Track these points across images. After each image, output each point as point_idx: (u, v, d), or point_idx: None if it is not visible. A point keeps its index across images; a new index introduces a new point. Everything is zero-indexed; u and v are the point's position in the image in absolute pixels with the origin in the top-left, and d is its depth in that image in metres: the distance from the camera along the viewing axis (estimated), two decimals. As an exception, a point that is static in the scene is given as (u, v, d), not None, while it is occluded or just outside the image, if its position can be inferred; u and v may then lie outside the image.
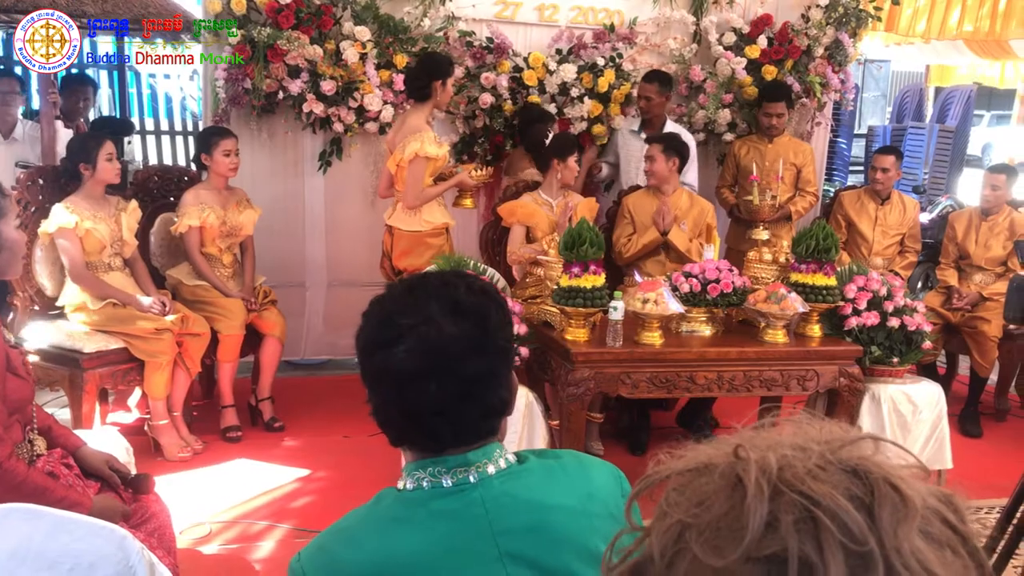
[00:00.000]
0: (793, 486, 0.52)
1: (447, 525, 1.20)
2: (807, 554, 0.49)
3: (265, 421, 4.45)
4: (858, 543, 0.50)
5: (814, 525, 0.50)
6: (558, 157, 4.31)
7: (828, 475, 0.53)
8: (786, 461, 0.54)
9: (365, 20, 4.77)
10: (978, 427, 4.88)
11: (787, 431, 0.59)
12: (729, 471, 0.55)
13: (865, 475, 0.53)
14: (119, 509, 2.18)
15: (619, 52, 5.20)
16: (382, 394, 1.24)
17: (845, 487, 0.52)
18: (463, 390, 1.21)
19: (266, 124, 4.90)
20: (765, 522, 0.51)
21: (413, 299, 1.23)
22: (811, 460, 0.54)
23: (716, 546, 0.52)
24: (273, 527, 3.50)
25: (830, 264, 3.74)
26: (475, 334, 1.21)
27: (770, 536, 0.51)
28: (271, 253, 4.82)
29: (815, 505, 0.51)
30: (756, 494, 0.52)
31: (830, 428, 0.59)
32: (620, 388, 3.48)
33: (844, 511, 0.50)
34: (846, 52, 5.52)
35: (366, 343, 1.24)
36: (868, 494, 0.52)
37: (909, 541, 0.51)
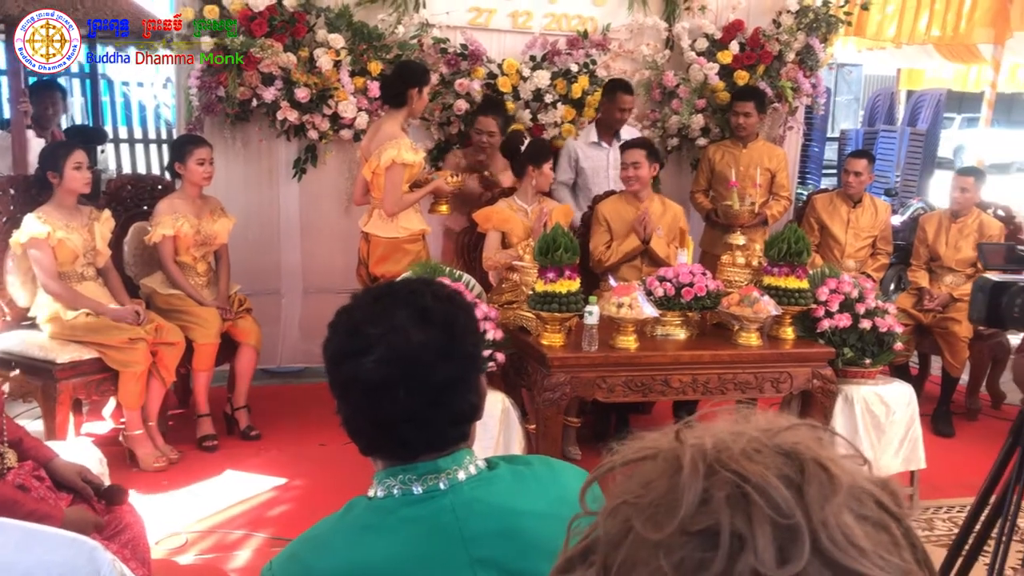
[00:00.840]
0: (727, 465, 0.55)
1: (418, 532, 1.20)
2: (737, 527, 0.52)
3: (241, 430, 4.43)
4: (785, 516, 0.52)
5: (745, 501, 0.53)
6: (533, 164, 4.33)
7: (762, 456, 0.56)
8: (722, 443, 0.57)
9: (339, 28, 4.78)
10: (950, 427, 4.93)
11: (732, 420, 0.62)
12: (670, 454, 0.58)
13: (796, 456, 0.56)
14: (91, 521, 2.16)
15: (592, 58, 5.23)
16: (351, 404, 1.24)
17: (777, 467, 0.55)
18: (433, 397, 1.21)
19: (240, 132, 4.89)
20: (699, 498, 0.54)
21: (380, 308, 1.24)
22: (745, 443, 0.57)
23: (655, 521, 0.55)
24: (250, 536, 3.49)
25: (802, 267, 3.77)
26: (443, 340, 1.22)
27: (703, 511, 0.53)
28: (246, 261, 4.81)
29: (746, 482, 0.54)
30: (691, 472, 0.55)
31: (771, 418, 0.62)
32: (596, 392, 3.49)
33: (773, 487, 0.53)
34: (817, 57, 5.58)
35: (334, 353, 1.24)
36: (798, 473, 0.55)
37: (836, 516, 0.53)
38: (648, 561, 0.54)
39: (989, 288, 2.05)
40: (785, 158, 5.36)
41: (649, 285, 3.70)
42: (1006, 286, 2.02)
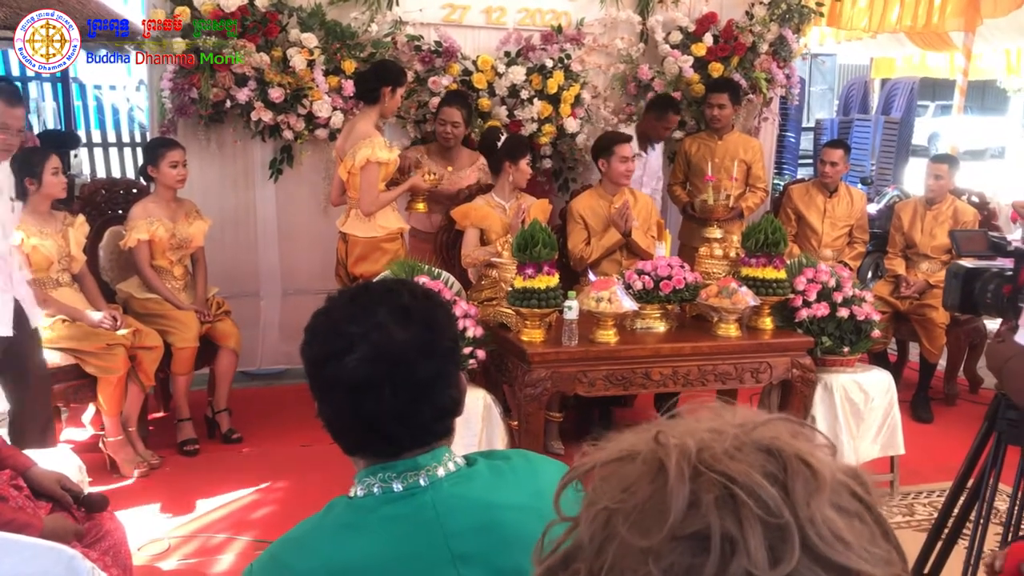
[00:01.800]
0: (712, 467, 0.55)
1: (398, 529, 1.20)
2: (728, 529, 0.52)
3: (223, 433, 4.40)
4: (774, 516, 0.52)
5: (733, 502, 0.53)
6: (510, 159, 4.33)
7: (744, 455, 0.56)
8: (704, 444, 0.57)
9: (312, 27, 4.75)
10: (929, 412, 4.98)
11: (703, 417, 0.61)
12: (651, 457, 0.57)
13: (778, 453, 0.56)
14: (71, 529, 2.14)
15: (567, 53, 5.22)
16: (335, 404, 1.24)
17: (760, 465, 0.55)
18: (417, 393, 1.22)
19: (214, 134, 4.85)
20: (688, 502, 0.53)
21: (359, 307, 1.24)
22: (727, 442, 0.57)
23: (643, 528, 0.54)
24: (233, 539, 3.47)
25: (779, 257, 3.79)
26: (425, 337, 1.23)
27: (692, 515, 0.53)
28: (223, 264, 4.78)
29: (733, 483, 0.53)
30: (678, 476, 0.54)
31: (743, 412, 0.62)
32: (577, 387, 3.50)
33: (760, 487, 0.53)
34: (790, 48, 5.60)
35: (315, 355, 1.24)
36: (781, 470, 0.55)
37: (821, 512, 0.53)
38: (636, 568, 0.54)
39: (962, 275, 2.07)
40: (760, 149, 5.39)
41: (628, 279, 3.71)
42: (979, 272, 2.04)
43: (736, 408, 0.63)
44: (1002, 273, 1.98)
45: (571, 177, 5.46)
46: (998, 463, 2.10)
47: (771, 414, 0.61)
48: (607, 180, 4.49)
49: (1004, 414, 2.03)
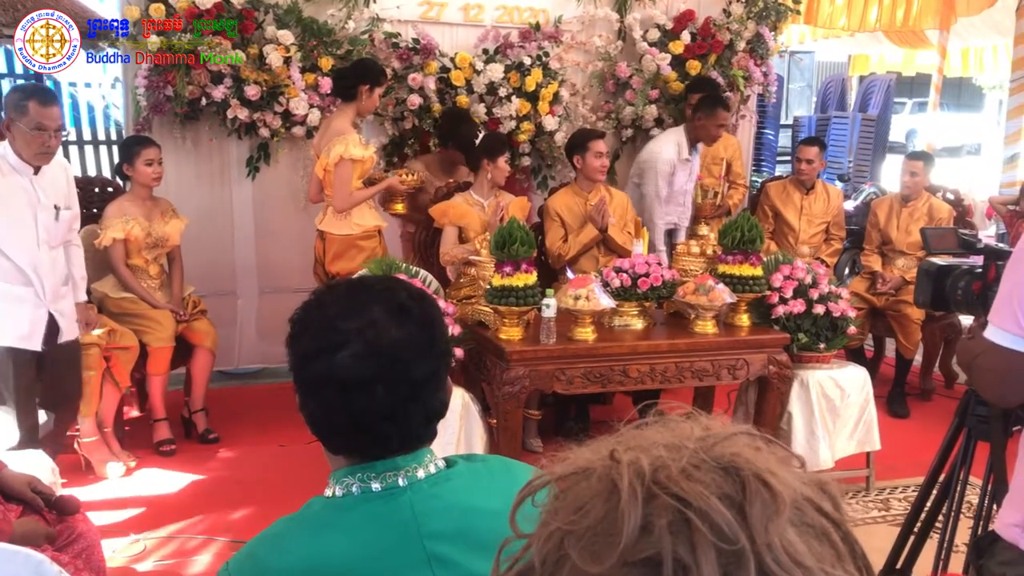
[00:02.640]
0: (667, 488, 0.52)
1: (375, 529, 1.20)
2: (681, 556, 0.50)
3: (199, 433, 4.38)
4: (729, 542, 0.50)
5: (687, 527, 0.51)
6: (488, 157, 4.33)
7: (701, 474, 0.54)
8: (660, 462, 0.54)
9: (288, 24, 4.72)
10: (905, 407, 5.02)
11: (666, 429, 0.59)
12: (605, 475, 0.55)
13: (736, 472, 0.54)
14: (42, 532, 2.12)
15: (545, 51, 5.22)
16: (324, 401, 1.22)
17: (717, 485, 0.53)
18: (411, 393, 1.21)
19: (190, 131, 4.82)
20: (640, 526, 0.51)
21: (355, 303, 1.22)
22: (684, 459, 0.54)
23: (593, 552, 0.52)
24: (210, 540, 3.45)
25: (756, 254, 3.81)
26: (421, 337, 1.22)
27: (645, 539, 0.51)
28: (200, 262, 4.74)
29: (687, 507, 0.51)
30: (630, 498, 0.52)
31: (708, 423, 0.60)
32: (555, 384, 3.50)
33: (716, 511, 0.51)
34: (767, 45, 5.63)
35: (306, 349, 1.22)
36: (739, 492, 0.53)
37: (780, 536, 0.51)
38: None
39: (934, 272, 2.09)
40: (739, 147, 5.42)
41: (606, 276, 3.72)
42: (950, 270, 2.06)
43: (701, 418, 0.61)
44: (972, 270, 2.00)
45: (550, 175, 5.46)
46: (968, 458, 2.12)
47: (735, 427, 0.59)
48: (582, 177, 4.49)
49: (974, 410, 2.06)
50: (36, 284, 3.30)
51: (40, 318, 3.34)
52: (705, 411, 0.62)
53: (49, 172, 3.30)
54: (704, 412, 0.64)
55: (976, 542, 1.74)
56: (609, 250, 4.47)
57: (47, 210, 3.30)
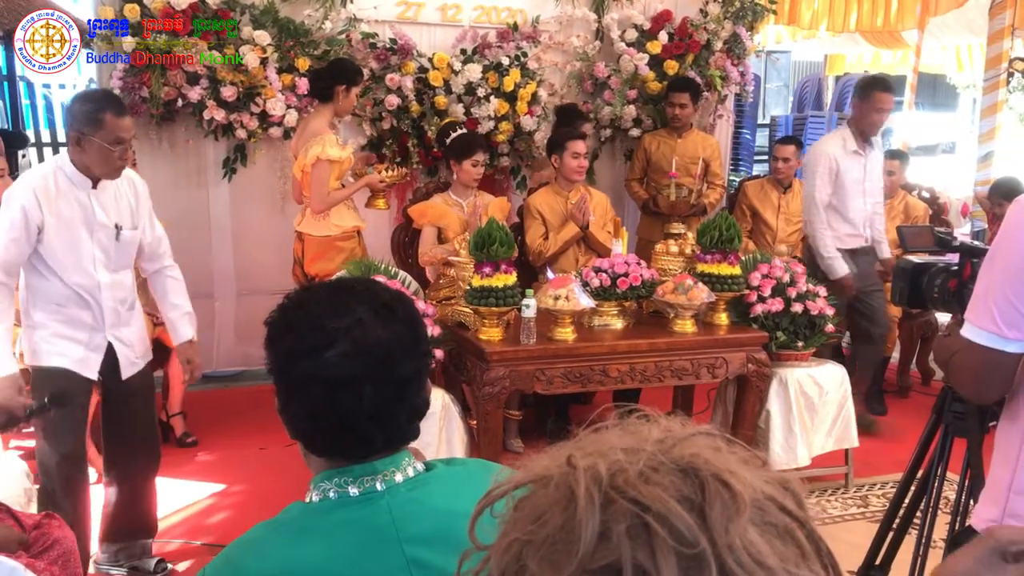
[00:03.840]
0: (624, 492, 0.52)
1: (353, 533, 1.19)
2: (640, 561, 0.49)
3: (177, 437, 4.34)
4: (689, 546, 0.50)
5: (646, 531, 0.50)
6: (455, 159, 4.34)
7: (660, 476, 0.53)
8: (618, 466, 0.53)
9: (264, 24, 4.70)
10: (882, 405, 5.05)
11: (626, 431, 0.59)
12: (563, 482, 0.54)
13: (695, 473, 0.53)
14: (15, 538, 2.09)
15: (523, 51, 5.22)
16: (309, 401, 1.21)
17: (676, 488, 0.52)
18: (396, 393, 1.21)
19: (166, 133, 4.79)
20: (598, 532, 0.51)
21: (340, 302, 1.22)
22: (642, 462, 0.54)
23: (552, 561, 0.51)
24: (188, 545, 3.43)
25: (734, 253, 3.82)
26: (406, 336, 1.22)
27: (603, 546, 0.50)
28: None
29: (645, 511, 0.51)
30: (587, 505, 0.51)
31: (668, 425, 0.59)
32: (535, 385, 3.50)
33: (675, 515, 0.50)
34: (744, 45, 5.66)
35: (290, 349, 1.21)
36: (698, 492, 0.52)
37: (741, 537, 0.51)
38: None
39: (910, 270, 2.10)
40: (718, 147, 5.44)
41: (585, 276, 3.72)
42: (926, 267, 2.07)
43: (661, 420, 0.60)
44: (948, 268, 2.01)
45: (528, 175, 5.45)
46: (945, 455, 2.13)
47: (695, 428, 0.58)
48: (560, 176, 4.50)
49: (951, 407, 2.07)
50: (94, 308, 2.91)
51: (98, 344, 2.95)
52: (684, 410, 0.62)
53: (111, 187, 2.92)
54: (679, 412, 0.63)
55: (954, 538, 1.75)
56: (589, 248, 4.47)
57: (105, 229, 2.90)
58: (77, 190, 2.84)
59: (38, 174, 2.81)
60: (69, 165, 2.83)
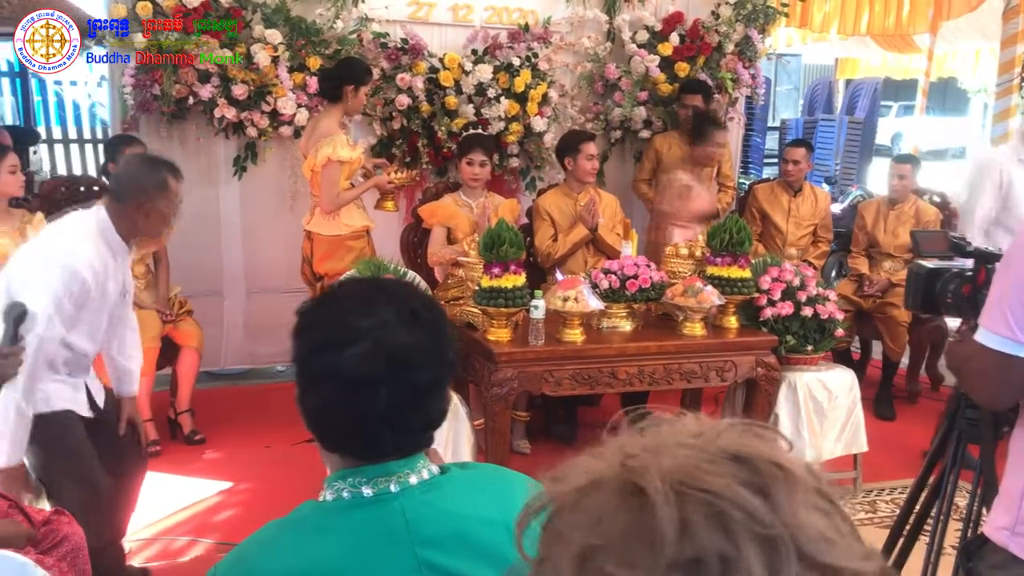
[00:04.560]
0: (693, 485, 0.52)
1: (366, 534, 1.19)
2: (723, 550, 0.50)
3: (185, 434, 4.35)
4: (765, 527, 0.51)
5: (722, 519, 0.51)
6: (457, 157, 4.36)
7: (718, 467, 0.54)
8: (677, 461, 0.54)
9: (276, 23, 4.70)
10: (891, 410, 5.03)
11: (663, 429, 0.59)
12: (622, 483, 0.54)
13: (748, 459, 0.54)
14: (23, 534, 2.09)
15: (534, 52, 5.22)
16: (324, 396, 1.21)
17: (735, 475, 0.53)
18: (413, 399, 1.21)
19: (177, 131, 4.79)
20: (677, 528, 0.51)
21: (368, 302, 1.22)
22: (697, 455, 0.54)
23: (630, 562, 0.52)
24: (195, 542, 3.43)
25: (744, 257, 3.81)
26: (430, 343, 1.22)
27: (685, 541, 0.51)
28: (186, 262, 4.71)
29: (719, 500, 0.51)
30: (663, 502, 0.52)
31: (698, 420, 0.60)
32: (543, 386, 3.49)
33: (746, 500, 0.51)
34: (755, 48, 5.64)
35: (313, 342, 1.22)
36: (757, 477, 0.53)
37: (804, 514, 0.52)
38: None
39: (923, 275, 2.09)
40: (729, 149, 5.43)
41: (594, 278, 3.71)
42: (940, 272, 2.06)
43: (689, 417, 0.61)
44: (962, 273, 2.00)
45: (538, 176, 5.45)
46: (958, 461, 2.12)
47: (727, 420, 0.59)
48: (572, 178, 4.49)
49: (963, 413, 2.05)
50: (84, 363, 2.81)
51: (79, 386, 2.83)
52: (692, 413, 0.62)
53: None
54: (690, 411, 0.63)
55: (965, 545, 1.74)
56: (598, 250, 4.47)
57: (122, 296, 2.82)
58: (115, 258, 2.71)
59: (91, 248, 2.63)
60: (111, 231, 2.68)
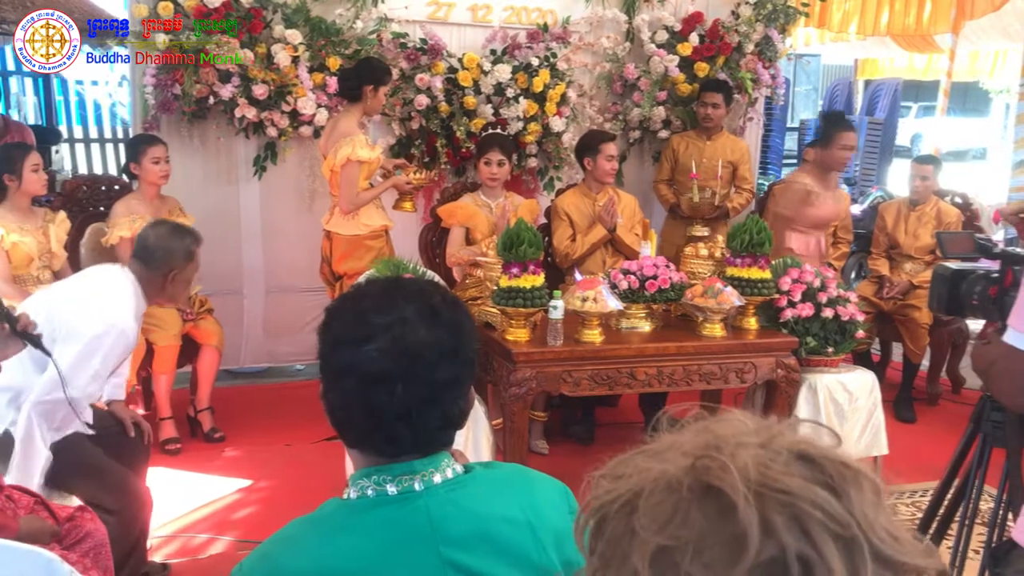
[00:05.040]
0: (770, 485, 0.52)
1: (390, 533, 1.19)
2: (802, 549, 0.50)
3: (205, 432, 4.37)
4: (843, 526, 0.51)
5: (801, 520, 0.51)
6: (475, 157, 4.36)
7: (786, 466, 0.53)
8: (750, 461, 0.54)
9: (296, 23, 4.72)
10: (912, 412, 5.00)
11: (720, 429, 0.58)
12: (694, 482, 0.54)
13: (814, 459, 0.54)
14: (48, 530, 2.11)
15: (553, 52, 5.21)
16: (343, 392, 1.22)
17: (805, 475, 0.53)
18: (429, 396, 1.21)
19: (198, 130, 4.81)
20: (761, 528, 0.51)
21: (389, 300, 1.23)
22: (766, 455, 0.54)
23: (711, 562, 0.52)
24: (215, 539, 3.45)
25: (764, 257, 3.80)
26: (448, 342, 1.22)
27: (767, 540, 0.51)
28: (207, 261, 4.65)
29: (797, 500, 0.51)
30: (744, 503, 0.52)
31: (746, 419, 0.59)
32: (562, 386, 3.49)
33: (823, 499, 0.51)
34: (776, 48, 5.61)
35: (334, 337, 1.23)
36: (828, 477, 0.53)
37: (873, 513, 0.53)
38: None
39: (949, 276, 2.07)
40: (747, 150, 5.38)
41: (613, 278, 3.71)
42: (965, 274, 2.04)
43: (729, 415, 0.60)
44: (988, 275, 1.98)
45: (556, 176, 5.44)
46: (983, 465, 2.10)
47: (780, 419, 0.59)
48: (591, 178, 4.48)
49: (989, 416, 2.04)
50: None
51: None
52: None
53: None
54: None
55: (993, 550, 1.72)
56: (617, 251, 4.46)
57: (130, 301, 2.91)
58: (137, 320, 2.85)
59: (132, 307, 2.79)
60: (141, 296, 2.86)
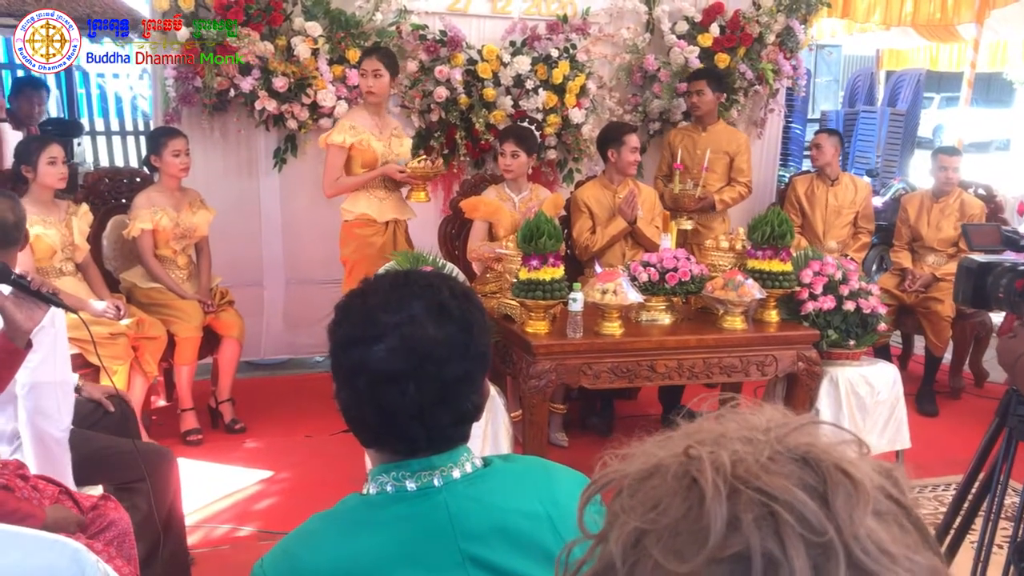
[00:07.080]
0: (749, 482, 0.52)
1: (410, 528, 1.19)
2: (770, 550, 0.50)
3: (226, 423, 4.40)
4: (817, 534, 0.50)
5: (774, 520, 0.50)
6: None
7: (780, 467, 0.53)
8: (737, 456, 0.54)
9: (316, 15, 4.72)
10: (934, 405, 4.96)
11: (731, 422, 0.58)
12: (681, 472, 0.54)
13: (815, 463, 0.53)
14: (74, 520, 2.13)
15: (573, 43, 5.19)
16: (355, 392, 1.22)
17: (798, 477, 0.53)
18: (441, 394, 1.20)
19: (218, 123, 4.84)
20: (726, 522, 0.51)
21: (397, 297, 1.22)
22: (762, 453, 0.54)
23: (677, 551, 0.52)
24: (236, 530, 3.47)
25: (786, 250, 3.77)
26: (458, 338, 1.21)
27: (732, 536, 0.51)
28: (227, 253, 4.76)
29: (773, 500, 0.51)
30: (715, 495, 0.52)
31: (770, 414, 0.59)
32: (581, 379, 3.48)
33: (801, 503, 0.51)
34: (797, 38, 5.57)
35: (343, 337, 1.22)
36: (821, 483, 0.52)
37: (864, 525, 0.51)
38: None
39: (975, 269, 2.05)
40: (746, 142, 5.19)
41: (633, 271, 3.69)
42: (991, 267, 2.02)
43: (759, 409, 0.60)
44: (1015, 268, 1.96)
45: (576, 168, 5.43)
46: (1009, 459, 2.08)
47: (800, 417, 0.58)
48: (613, 170, 4.46)
49: (1015, 410, 2.02)
50: None
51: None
52: None
53: None
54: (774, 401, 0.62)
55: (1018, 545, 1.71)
56: (637, 243, 4.44)
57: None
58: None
59: None
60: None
